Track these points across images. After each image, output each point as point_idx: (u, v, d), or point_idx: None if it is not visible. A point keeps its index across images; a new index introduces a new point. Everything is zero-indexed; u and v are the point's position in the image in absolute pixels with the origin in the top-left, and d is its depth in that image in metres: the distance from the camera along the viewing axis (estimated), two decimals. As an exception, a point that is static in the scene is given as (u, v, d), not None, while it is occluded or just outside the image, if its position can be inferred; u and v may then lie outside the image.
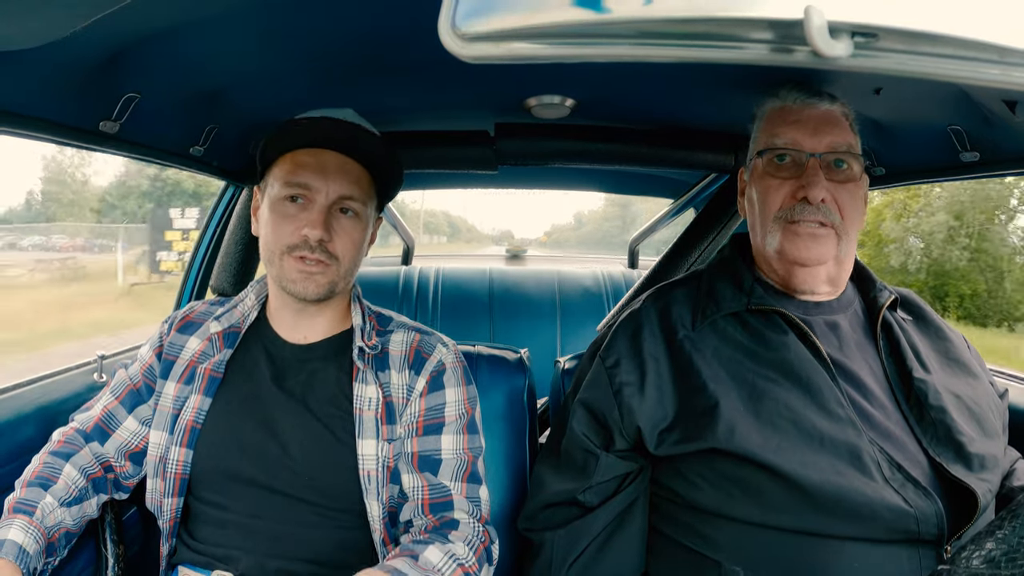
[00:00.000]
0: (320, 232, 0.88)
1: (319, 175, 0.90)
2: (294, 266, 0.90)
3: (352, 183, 0.92)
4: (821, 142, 0.89)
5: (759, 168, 0.93)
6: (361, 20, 0.84)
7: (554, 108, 1.23)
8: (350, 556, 0.91)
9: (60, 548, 0.86)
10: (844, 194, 0.89)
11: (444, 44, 0.31)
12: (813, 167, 0.88)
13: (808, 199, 0.87)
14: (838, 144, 0.89)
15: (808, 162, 0.89)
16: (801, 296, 0.93)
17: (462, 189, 4.84)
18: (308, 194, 0.90)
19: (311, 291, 0.91)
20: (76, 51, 0.77)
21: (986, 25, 0.30)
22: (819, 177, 0.87)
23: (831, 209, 0.88)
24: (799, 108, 0.92)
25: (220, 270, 1.60)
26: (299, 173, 0.90)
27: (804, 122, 0.90)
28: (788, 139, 0.90)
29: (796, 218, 0.88)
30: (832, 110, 0.92)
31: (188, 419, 0.92)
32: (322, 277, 0.91)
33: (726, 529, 0.82)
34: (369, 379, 0.93)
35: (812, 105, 0.92)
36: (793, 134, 0.90)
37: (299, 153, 0.91)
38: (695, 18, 0.30)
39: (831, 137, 0.89)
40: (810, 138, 0.89)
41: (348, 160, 0.92)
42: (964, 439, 0.82)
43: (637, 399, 0.88)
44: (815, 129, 0.89)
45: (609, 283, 2.38)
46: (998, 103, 0.90)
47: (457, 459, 0.92)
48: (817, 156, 0.88)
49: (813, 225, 0.88)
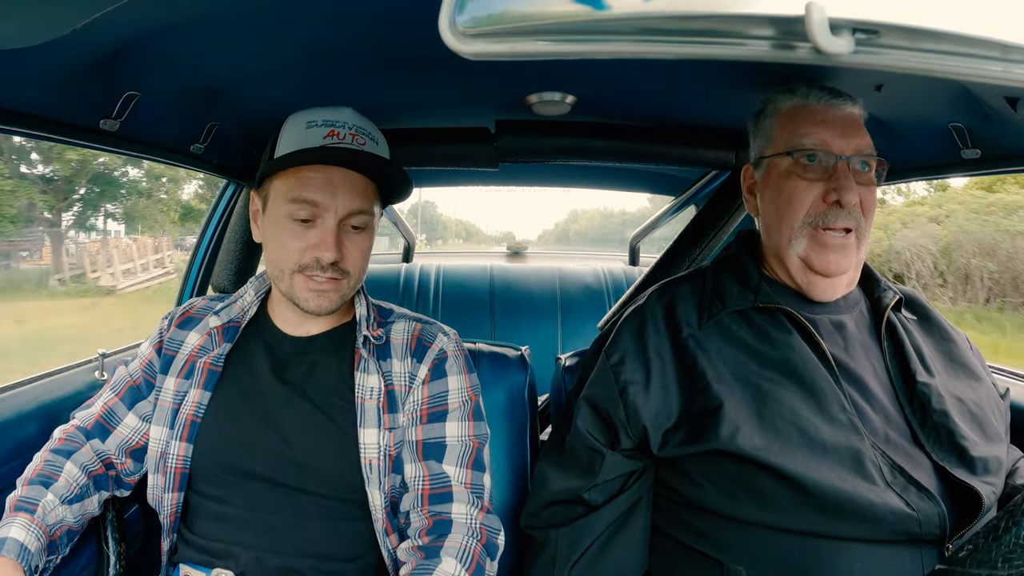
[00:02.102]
0: (333, 254, 0.88)
1: (327, 192, 0.88)
2: (305, 285, 0.90)
3: (359, 196, 0.90)
4: (850, 144, 0.88)
5: (781, 167, 0.91)
6: (362, 17, 0.83)
7: (555, 105, 1.23)
8: (351, 548, 0.91)
9: (62, 546, 0.87)
10: (868, 196, 0.89)
11: (445, 41, 0.31)
12: (844, 170, 0.87)
13: (841, 203, 0.86)
14: (864, 147, 0.89)
15: (838, 164, 0.87)
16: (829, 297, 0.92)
17: (465, 192, 4.84)
18: (316, 211, 0.88)
19: (324, 307, 0.91)
20: (76, 49, 0.77)
21: (988, 21, 0.30)
22: (851, 180, 0.86)
23: (860, 213, 0.87)
24: (824, 108, 0.90)
25: (220, 268, 1.60)
26: (306, 190, 0.88)
27: (831, 123, 0.89)
28: (817, 140, 0.88)
29: (828, 223, 0.87)
30: (854, 111, 0.91)
31: (188, 413, 0.92)
32: (335, 294, 0.91)
33: (728, 529, 0.82)
34: (371, 368, 0.93)
35: (837, 106, 0.90)
36: (822, 135, 0.88)
37: (304, 168, 0.89)
38: (696, 14, 0.30)
39: (858, 140, 0.88)
40: (839, 139, 0.88)
41: (354, 173, 0.90)
42: (967, 443, 0.81)
43: (642, 398, 0.87)
44: (843, 131, 0.88)
45: (610, 280, 2.38)
46: (999, 100, 0.89)
47: (462, 445, 0.92)
48: (846, 159, 0.87)
49: (840, 234, 0.87)
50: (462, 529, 0.86)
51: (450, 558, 0.82)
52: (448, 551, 0.83)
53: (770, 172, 0.94)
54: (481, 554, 0.85)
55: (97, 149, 1.03)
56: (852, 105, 0.91)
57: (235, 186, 1.60)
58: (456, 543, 0.84)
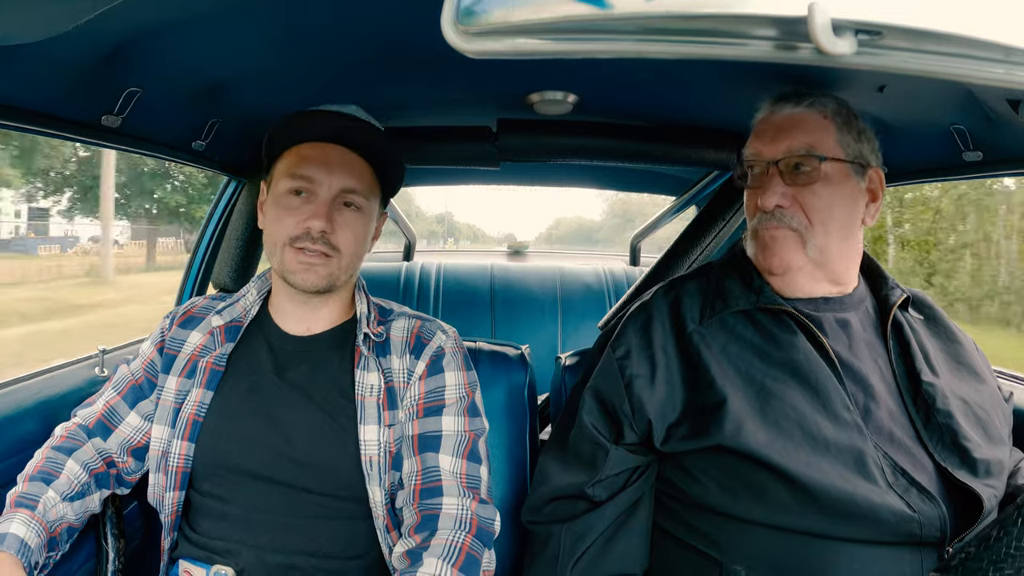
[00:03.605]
0: (323, 223, 0.90)
1: (323, 168, 0.91)
2: (295, 257, 0.91)
3: (355, 176, 0.93)
4: (778, 148, 0.89)
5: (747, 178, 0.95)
6: (364, 15, 0.83)
7: (556, 104, 1.23)
8: (353, 546, 0.91)
9: (62, 542, 0.87)
10: (808, 196, 0.88)
11: (447, 39, 0.31)
12: (770, 175, 0.89)
13: (759, 206, 0.89)
14: (795, 148, 0.88)
15: (768, 170, 0.90)
16: (802, 295, 0.92)
17: (470, 201, 4.84)
18: (311, 187, 0.91)
19: (311, 282, 0.91)
20: (78, 46, 0.77)
21: (990, 24, 0.30)
22: (772, 184, 0.88)
23: (791, 214, 0.88)
24: (766, 117, 0.93)
25: (221, 265, 1.60)
26: (303, 166, 0.91)
27: (764, 132, 0.92)
28: (753, 150, 0.92)
29: (763, 226, 0.90)
30: (795, 113, 0.91)
31: (190, 413, 0.92)
32: (323, 268, 0.91)
33: (729, 528, 0.82)
34: (371, 365, 0.94)
35: (777, 111, 0.92)
36: (757, 145, 0.92)
37: (303, 147, 0.93)
38: (699, 14, 0.29)
39: (788, 141, 0.89)
40: (769, 146, 0.90)
41: (351, 154, 0.93)
42: (970, 445, 0.81)
43: (648, 392, 0.88)
44: (773, 136, 0.90)
45: (611, 280, 2.38)
46: (1001, 102, 0.89)
47: (458, 436, 0.93)
48: (775, 163, 0.89)
49: (771, 231, 0.89)
50: (450, 523, 0.85)
51: (432, 558, 0.80)
52: (432, 551, 0.81)
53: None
54: (472, 545, 0.84)
55: (98, 145, 1.03)
56: (794, 107, 0.91)
57: (236, 183, 1.59)
58: (442, 540, 0.83)
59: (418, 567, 0.80)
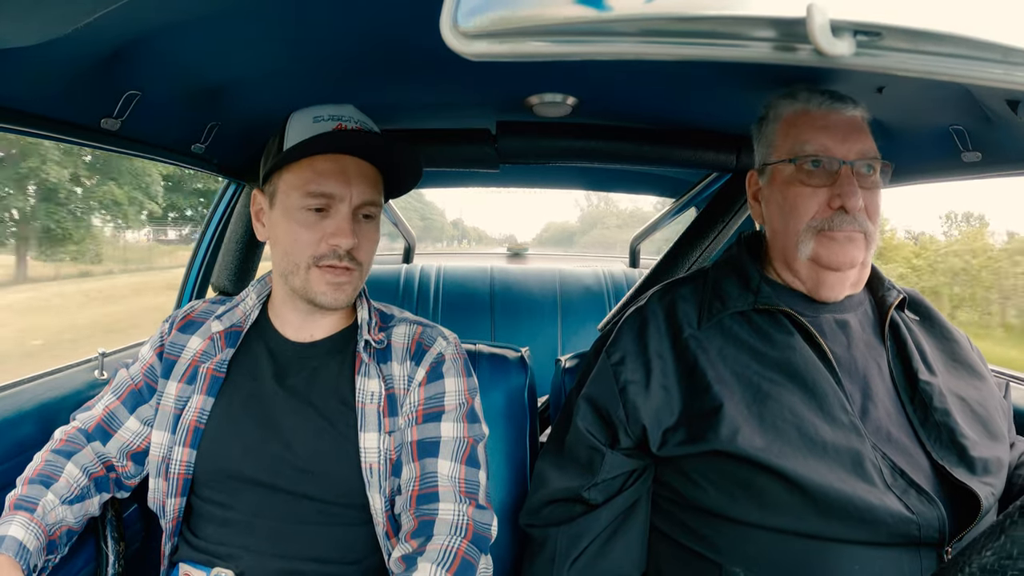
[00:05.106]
0: (351, 240, 0.88)
1: (341, 182, 0.88)
2: (323, 278, 0.89)
3: (372, 187, 0.91)
4: (852, 149, 0.87)
5: (784, 174, 0.91)
6: (363, 17, 0.83)
7: (556, 106, 1.23)
8: (353, 552, 0.91)
9: (61, 545, 0.86)
10: (872, 200, 0.88)
11: (446, 41, 0.31)
12: (847, 175, 0.86)
13: (846, 209, 0.86)
14: (867, 150, 0.88)
15: (841, 170, 0.87)
16: (835, 298, 0.91)
17: (472, 205, 4.85)
18: (330, 201, 0.89)
19: (341, 301, 0.91)
20: (77, 48, 0.77)
21: (990, 24, 0.30)
22: (855, 186, 0.86)
23: (864, 217, 0.87)
24: (825, 113, 0.90)
25: (221, 268, 1.60)
26: (321, 182, 0.88)
27: (832, 128, 0.89)
28: (818, 146, 0.88)
29: (834, 228, 0.87)
30: (856, 115, 0.91)
31: (191, 419, 0.92)
32: (349, 286, 0.91)
33: (727, 530, 0.82)
34: (372, 372, 0.93)
35: (838, 111, 0.90)
36: (823, 140, 0.88)
37: (317, 160, 0.89)
38: (697, 16, 0.29)
39: (860, 144, 0.88)
40: (841, 144, 0.88)
41: (364, 163, 0.91)
42: (968, 443, 0.81)
43: (642, 397, 0.87)
44: (845, 135, 0.88)
45: (610, 282, 2.38)
46: (1001, 103, 0.89)
47: (456, 442, 0.92)
48: (850, 164, 0.87)
49: (848, 232, 0.87)
50: (445, 528, 0.85)
51: (427, 563, 0.80)
52: (427, 556, 0.81)
53: (774, 178, 0.93)
54: (468, 550, 0.84)
55: (98, 148, 1.03)
56: (854, 108, 0.91)
57: (235, 186, 1.59)
58: (437, 545, 0.83)
59: (412, 572, 0.79)
